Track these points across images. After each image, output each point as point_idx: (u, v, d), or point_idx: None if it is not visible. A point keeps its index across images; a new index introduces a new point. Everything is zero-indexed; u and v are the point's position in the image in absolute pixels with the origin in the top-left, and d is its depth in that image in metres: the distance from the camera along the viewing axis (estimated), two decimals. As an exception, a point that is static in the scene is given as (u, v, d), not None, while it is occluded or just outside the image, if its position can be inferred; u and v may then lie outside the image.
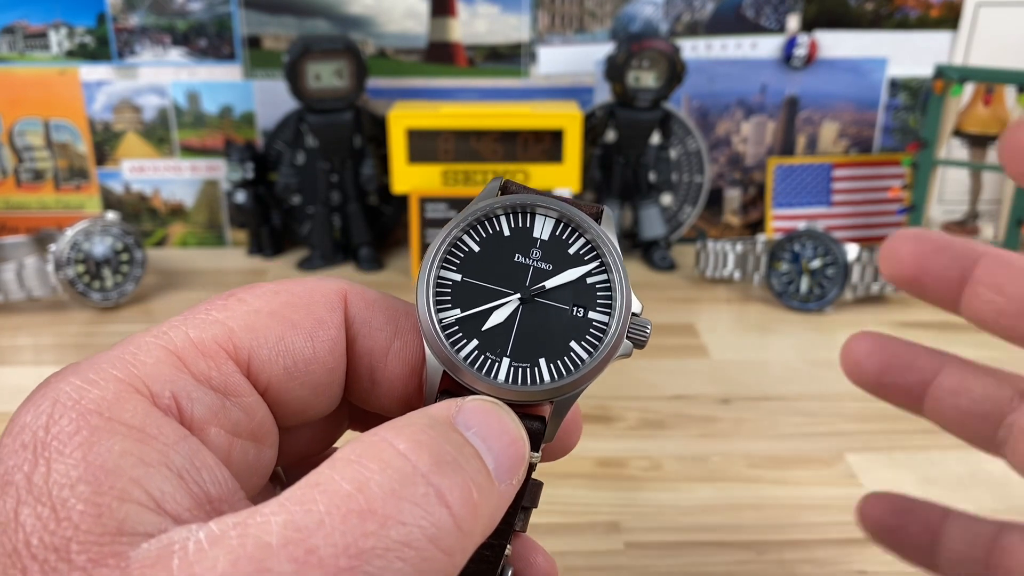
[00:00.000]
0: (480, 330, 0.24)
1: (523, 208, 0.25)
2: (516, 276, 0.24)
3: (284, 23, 0.93)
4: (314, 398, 0.24)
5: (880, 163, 1.00)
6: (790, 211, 0.99)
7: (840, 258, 0.81)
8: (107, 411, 0.19)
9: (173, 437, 0.20)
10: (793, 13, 0.95)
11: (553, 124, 0.87)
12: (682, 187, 0.98)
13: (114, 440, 0.18)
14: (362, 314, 0.25)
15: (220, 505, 0.20)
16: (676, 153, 0.96)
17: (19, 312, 0.82)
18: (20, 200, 0.97)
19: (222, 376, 0.22)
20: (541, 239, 0.25)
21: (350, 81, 0.87)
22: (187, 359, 0.21)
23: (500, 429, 0.21)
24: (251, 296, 0.23)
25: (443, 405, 0.21)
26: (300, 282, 0.25)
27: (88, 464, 0.18)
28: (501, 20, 0.94)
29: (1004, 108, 0.90)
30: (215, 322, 0.22)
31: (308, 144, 0.92)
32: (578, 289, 0.24)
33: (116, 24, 0.92)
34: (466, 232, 0.25)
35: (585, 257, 0.25)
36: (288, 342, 0.23)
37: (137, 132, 0.95)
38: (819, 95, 0.98)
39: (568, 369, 0.24)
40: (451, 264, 0.24)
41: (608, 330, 0.24)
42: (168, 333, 0.22)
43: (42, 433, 0.18)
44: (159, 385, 0.20)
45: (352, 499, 0.17)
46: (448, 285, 0.24)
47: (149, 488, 0.18)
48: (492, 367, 0.23)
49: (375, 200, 0.96)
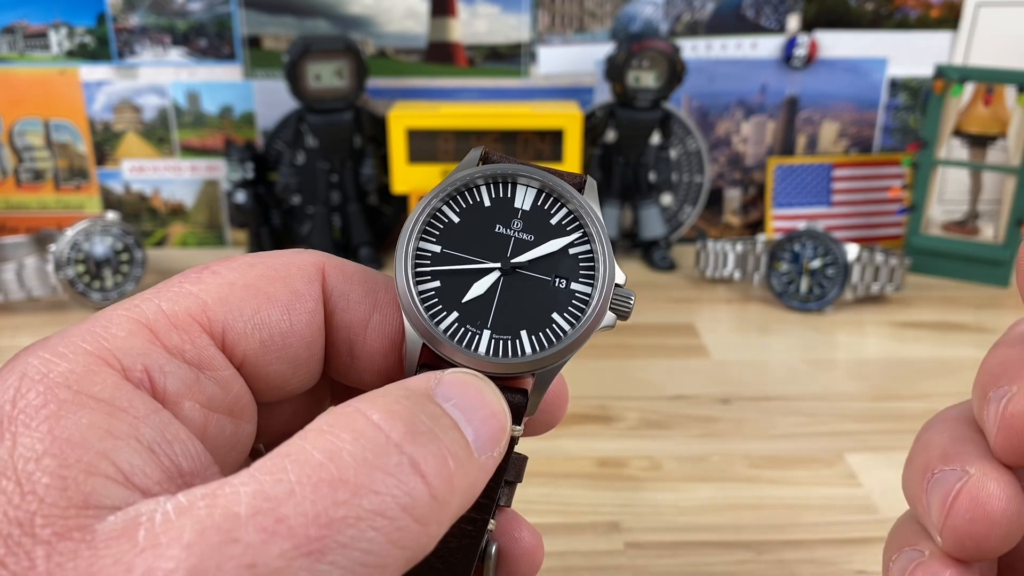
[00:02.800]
0: (460, 302, 0.23)
1: (504, 178, 0.25)
2: (497, 247, 0.24)
3: (284, 23, 0.93)
4: (292, 372, 0.24)
5: (880, 163, 1.00)
6: (790, 211, 0.99)
7: (840, 258, 0.81)
8: (75, 384, 0.19)
9: (144, 410, 0.19)
10: (793, 13, 0.95)
11: (553, 124, 0.87)
12: (682, 187, 0.98)
13: (82, 413, 0.18)
14: (340, 286, 0.25)
15: (192, 479, 0.19)
16: (676, 153, 0.96)
17: (19, 312, 0.82)
18: (20, 200, 0.97)
19: (196, 349, 0.21)
20: (523, 209, 0.24)
21: (350, 81, 0.87)
22: (159, 332, 0.21)
23: (480, 401, 0.21)
24: (226, 269, 0.23)
25: (422, 377, 0.21)
26: (277, 254, 0.24)
27: (54, 437, 0.18)
28: (501, 20, 0.94)
29: (1004, 108, 0.90)
30: (188, 294, 0.22)
31: (308, 144, 0.92)
32: (560, 260, 0.24)
33: (116, 24, 0.92)
34: (445, 203, 0.24)
35: (567, 228, 0.24)
36: (264, 315, 0.23)
37: (137, 132, 0.95)
38: (819, 95, 0.98)
39: (550, 341, 0.23)
40: (430, 235, 0.24)
41: (590, 301, 0.24)
42: (140, 306, 0.21)
43: (8, 407, 0.18)
44: (130, 358, 0.20)
45: (323, 468, 0.17)
46: (427, 256, 0.24)
47: (117, 461, 0.18)
48: (472, 339, 0.23)
49: (375, 200, 0.96)
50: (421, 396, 0.20)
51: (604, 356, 0.72)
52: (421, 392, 0.20)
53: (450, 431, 0.19)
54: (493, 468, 0.21)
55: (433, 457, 0.18)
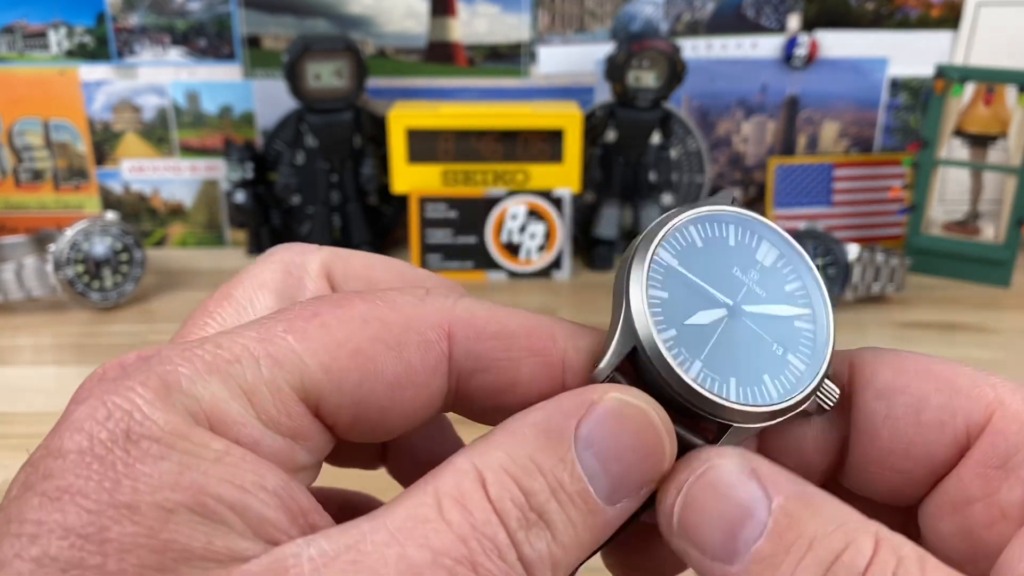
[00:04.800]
0: (682, 322, 0.22)
1: (751, 227, 0.24)
2: (731, 287, 0.23)
3: (284, 23, 0.93)
4: (383, 436, 0.23)
5: (881, 163, 1.00)
6: (791, 211, 0.99)
7: (841, 258, 0.81)
8: (189, 436, 0.18)
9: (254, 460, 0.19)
10: (793, 13, 0.95)
11: (553, 124, 0.87)
12: (682, 187, 0.97)
13: (205, 466, 0.18)
14: (474, 348, 0.22)
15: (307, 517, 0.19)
16: (676, 153, 0.96)
17: (18, 312, 0.82)
18: (19, 200, 0.97)
19: (291, 421, 0.20)
20: (762, 264, 0.24)
21: (350, 81, 0.87)
22: (256, 400, 0.20)
23: (634, 444, 0.20)
24: (336, 321, 0.21)
25: (573, 408, 0.20)
26: (396, 306, 0.22)
27: (184, 490, 0.17)
28: (501, 20, 0.94)
29: (1005, 108, 0.90)
30: (291, 354, 0.20)
31: (308, 144, 0.91)
32: (785, 327, 0.23)
33: (116, 24, 0.91)
34: (693, 224, 0.23)
35: (799, 300, 0.24)
36: (365, 391, 0.21)
37: (137, 132, 0.95)
38: (820, 95, 0.98)
39: (755, 398, 0.22)
40: (671, 248, 0.23)
41: (803, 378, 0.23)
42: (240, 362, 0.20)
43: (121, 452, 0.17)
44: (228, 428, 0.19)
45: (459, 547, 0.18)
46: (663, 266, 0.23)
47: (247, 514, 0.18)
48: (685, 362, 0.22)
49: (375, 200, 0.96)
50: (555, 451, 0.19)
51: (604, 356, 0.72)
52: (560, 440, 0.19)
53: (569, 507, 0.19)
54: (634, 509, 0.20)
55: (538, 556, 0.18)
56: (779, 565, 0.19)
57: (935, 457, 0.22)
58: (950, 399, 0.22)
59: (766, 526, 0.19)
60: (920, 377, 0.22)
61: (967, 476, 0.22)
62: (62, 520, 0.16)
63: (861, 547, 0.18)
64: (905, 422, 0.22)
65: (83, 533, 0.16)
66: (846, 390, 0.23)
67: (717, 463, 0.21)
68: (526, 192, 0.88)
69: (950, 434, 0.22)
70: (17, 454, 0.61)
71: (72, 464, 0.17)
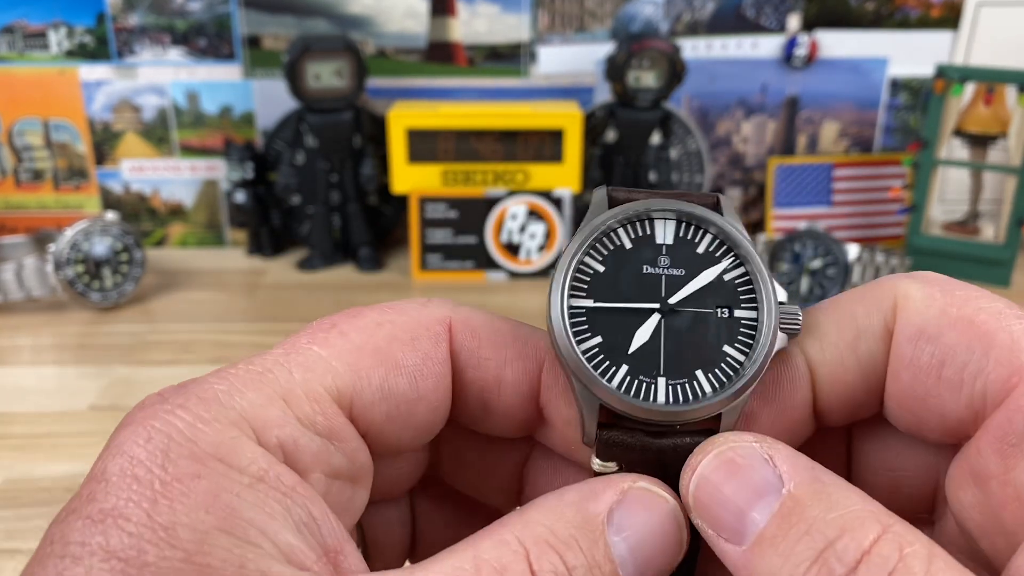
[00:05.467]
0: (627, 353, 0.22)
1: (639, 216, 0.24)
2: (650, 288, 0.23)
3: (284, 23, 0.93)
4: (414, 436, 0.24)
5: (881, 163, 1.00)
6: (791, 211, 0.99)
7: (841, 258, 0.81)
8: (226, 457, 0.19)
9: (290, 484, 0.19)
10: (793, 13, 0.95)
11: (553, 124, 0.87)
12: (682, 187, 0.97)
13: (239, 489, 0.18)
14: (468, 344, 0.24)
15: (336, 556, 0.19)
16: (676, 153, 0.96)
17: (18, 312, 0.82)
18: (19, 200, 0.97)
19: (327, 420, 0.21)
20: (666, 244, 0.23)
21: (350, 81, 0.87)
22: (292, 402, 0.21)
23: (658, 537, 0.21)
24: (353, 329, 0.22)
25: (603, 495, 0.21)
26: (403, 310, 0.23)
27: (217, 512, 0.18)
28: (501, 20, 0.94)
29: (1005, 108, 0.90)
30: (319, 360, 0.22)
31: (308, 144, 0.91)
32: (718, 289, 0.23)
33: (116, 24, 0.91)
34: (587, 254, 0.23)
35: (716, 254, 0.23)
36: (392, 383, 0.22)
37: (137, 132, 0.95)
38: (820, 95, 0.98)
39: (728, 376, 0.22)
40: (579, 291, 0.23)
41: (759, 326, 0.23)
42: (273, 372, 0.21)
43: (159, 471, 0.18)
44: (267, 432, 0.20)
45: None
46: (582, 313, 0.23)
47: (278, 541, 0.18)
48: (649, 390, 0.22)
49: (375, 200, 0.96)
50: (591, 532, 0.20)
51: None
52: (594, 524, 0.20)
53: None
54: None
55: None
56: (778, 547, 0.19)
57: (947, 414, 0.22)
58: (977, 359, 0.21)
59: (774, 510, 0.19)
60: (957, 327, 0.22)
61: (984, 448, 0.21)
62: (104, 543, 0.17)
63: (858, 537, 0.18)
64: (926, 373, 0.22)
65: (124, 556, 0.17)
66: (890, 323, 0.23)
67: (734, 445, 0.21)
68: (526, 192, 0.88)
69: (966, 395, 0.21)
70: (17, 454, 0.61)
71: (114, 487, 0.18)
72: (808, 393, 0.24)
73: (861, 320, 0.23)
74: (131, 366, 0.73)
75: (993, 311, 0.22)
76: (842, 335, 0.23)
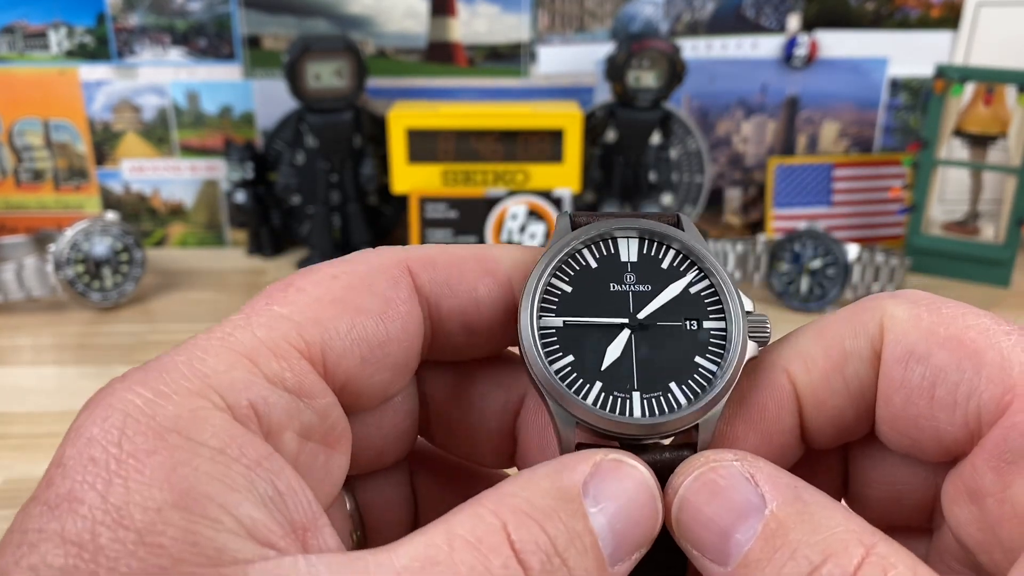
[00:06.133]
0: (600, 370, 0.22)
1: (603, 236, 0.24)
2: (618, 305, 0.23)
3: (284, 23, 0.93)
4: (393, 378, 0.23)
5: (881, 163, 1.00)
6: (790, 211, 0.99)
7: (841, 258, 0.81)
8: (184, 430, 0.18)
9: (255, 456, 0.19)
10: (793, 13, 0.95)
11: (553, 124, 0.87)
12: (682, 187, 0.97)
13: (197, 462, 0.18)
14: (433, 276, 0.24)
15: (305, 532, 0.19)
16: (676, 153, 0.96)
17: (19, 312, 0.82)
18: (19, 200, 0.97)
19: (296, 376, 0.21)
20: (631, 261, 0.24)
21: (350, 81, 0.87)
22: (259, 361, 0.20)
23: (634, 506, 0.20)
24: (310, 284, 0.22)
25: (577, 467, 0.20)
26: (356, 260, 0.23)
27: (172, 487, 0.17)
28: (501, 20, 0.94)
29: (1005, 108, 0.90)
30: (280, 318, 0.21)
31: (308, 144, 0.91)
32: (684, 302, 0.23)
33: (116, 24, 0.91)
34: (554, 276, 0.24)
35: (680, 268, 0.24)
36: (359, 329, 0.22)
37: (137, 132, 0.95)
38: (819, 95, 0.98)
39: (701, 387, 0.23)
40: (548, 311, 0.23)
41: (729, 336, 0.23)
42: (235, 334, 0.21)
43: (115, 450, 0.17)
44: (235, 395, 0.19)
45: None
46: (552, 333, 0.23)
47: (239, 515, 0.17)
48: (624, 405, 0.22)
49: (375, 200, 0.96)
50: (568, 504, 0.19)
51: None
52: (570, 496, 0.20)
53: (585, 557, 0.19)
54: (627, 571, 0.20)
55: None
56: (764, 571, 0.19)
57: (943, 435, 0.22)
58: (969, 378, 0.21)
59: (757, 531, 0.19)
60: (946, 347, 0.21)
61: (980, 466, 0.21)
62: (59, 528, 0.17)
63: (843, 562, 0.18)
64: (919, 394, 0.22)
65: (78, 541, 0.16)
66: (877, 346, 0.23)
67: (715, 464, 0.21)
68: (526, 192, 0.88)
69: (960, 416, 0.21)
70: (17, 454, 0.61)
71: (70, 470, 0.17)
72: (795, 418, 0.24)
73: (848, 343, 0.23)
74: (131, 366, 0.72)
75: (981, 328, 0.22)
76: (829, 359, 0.23)
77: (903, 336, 0.22)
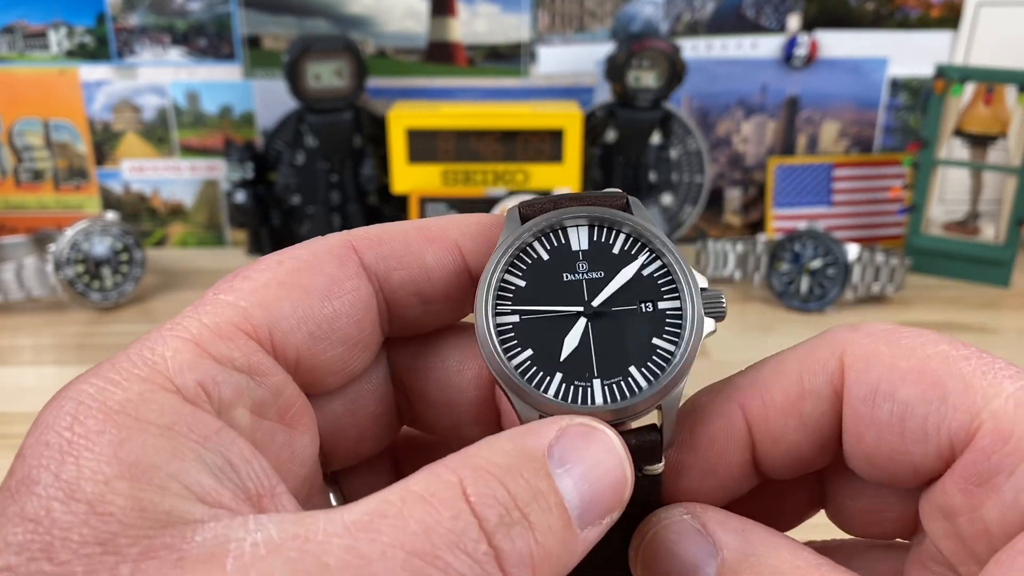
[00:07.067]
0: (559, 361, 0.23)
1: (552, 227, 0.24)
2: (572, 294, 0.23)
3: (284, 23, 0.93)
4: (349, 353, 0.24)
5: (881, 163, 1.00)
6: (791, 211, 0.99)
7: (841, 258, 0.81)
8: (133, 411, 0.19)
9: (205, 432, 0.19)
10: (793, 13, 0.95)
11: (553, 124, 0.87)
12: (682, 187, 0.98)
13: (144, 438, 0.18)
14: (378, 251, 0.24)
15: (261, 500, 0.19)
16: (676, 153, 0.96)
17: (18, 312, 0.82)
18: (19, 200, 0.97)
19: (244, 356, 0.21)
20: (582, 250, 0.24)
21: (350, 81, 0.87)
22: (206, 345, 0.21)
23: (601, 466, 0.20)
24: (256, 272, 0.23)
25: (542, 430, 0.20)
26: (302, 246, 0.24)
27: (120, 460, 0.18)
28: (501, 20, 0.94)
29: (1005, 108, 0.90)
30: (227, 304, 0.22)
31: (308, 144, 0.91)
32: (638, 285, 0.24)
33: (116, 24, 0.91)
34: (507, 271, 0.24)
35: (632, 252, 0.24)
36: (305, 308, 0.23)
37: (137, 132, 0.95)
38: (819, 95, 0.98)
39: (660, 367, 0.23)
40: (504, 308, 0.23)
41: (685, 314, 0.23)
42: (182, 323, 0.21)
43: (67, 433, 0.18)
44: (182, 376, 0.20)
45: (416, 540, 0.17)
46: (509, 329, 0.23)
47: (187, 482, 0.18)
48: (586, 393, 0.22)
49: (375, 200, 0.96)
50: (531, 464, 0.19)
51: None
52: (534, 457, 0.20)
53: (549, 515, 0.19)
54: (597, 537, 0.20)
55: (518, 554, 0.18)
56: None
57: (919, 466, 0.22)
58: (936, 409, 0.21)
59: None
60: (909, 381, 0.22)
61: (951, 489, 0.21)
62: (19, 510, 0.17)
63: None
64: (889, 430, 0.22)
65: (34, 517, 0.17)
66: (837, 384, 0.23)
67: (665, 522, 0.22)
68: (526, 192, 0.88)
69: (933, 447, 0.21)
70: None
71: (28, 457, 0.18)
72: (745, 452, 0.24)
73: (806, 380, 0.23)
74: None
75: (940, 356, 0.22)
76: (787, 396, 0.23)
77: (865, 375, 0.22)
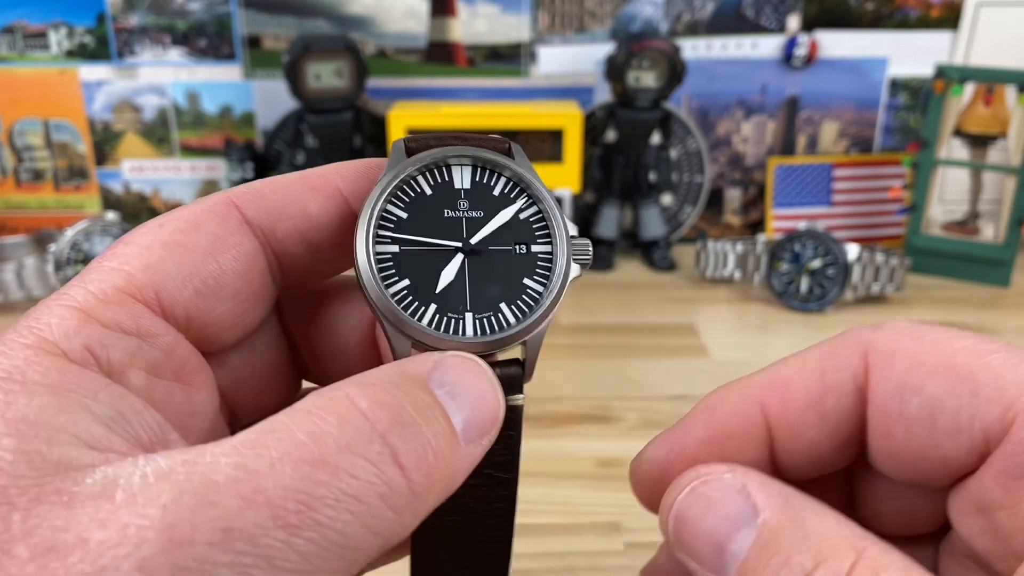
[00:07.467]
0: (434, 293, 0.24)
1: (437, 164, 0.25)
2: (452, 230, 0.24)
3: (284, 23, 0.93)
4: (241, 308, 0.24)
5: (880, 163, 1.00)
6: (790, 211, 0.99)
7: (840, 258, 0.81)
8: (19, 376, 0.19)
9: (92, 388, 0.19)
10: (793, 13, 0.95)
11: (553, 124, 0.87)
12: (682, 187, 0.98)
13: (29, 398, 0.18)
14: (259, 204, 0.25)
15: (154, 447, 0.19)
16: (676, 153, 0.96)
17: (19, 312, 0.82)
18: (20, 200, 0.97)
19: (131, 319, 0.21)
20: (464, 188, 0.25)
21: (350, 81, 0.87)
22: (92, 311, 0.21)
23: (476, 389, 0.21)
24: (138, 236, 0.23)
25: (420, 359, 0.21)
26: (183, 208, 0.24)
27: (7, 420, 0.18)
28: (501, 20, 0.94)
29: (1004, 108, 0.90)
30: (111, 271, 0.22)
31: (308, 144, 0.92)
32: (514, 227, 0.25)
33: (116, 24, 0.92)
34: (389, 202, 0.25)
35: (511, 195, 0.25)
36: (188, 266, 0.23)
37: (137, 132, 0.95)
38: (819, 95, 0.98)
39: (529, 306, 0.24)
40: (384, 238, 0.24)
41: (554, 259, 0.25)
42: (68, 292, 0.22)
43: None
44: (68, 341, 0.20)
45: (305, 448, 0.18)
46: (388, 258, 0.24)
47: (77, 432, 0.18)
48: (457, 325, 0.23)
49: (375, 200, 0.96)
50: (414, 382, 0.20)
51: (604, 356, 0.72)
52: (415, 377, 0.20)
53: (437, 422, 0.20)
54: (480, 456, 0.21)
55: (415, 451, 0.19)
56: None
57: (951, 461, 0.22)
58: (968, 402, 0.21)
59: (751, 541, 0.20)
60: (938, 375, 0.21)
61: (989, 483, 0.21)
62: None
63: (834, 566, 0.19)
64: (919, 425, 0.22)
65: None
66: (860, 381, 0.23)
67: (707, 478, 0.22)
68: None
69: (966, 441, 0.21)
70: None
71: None
72: (762, 450, 0.24)
73: (829, 378, 0.23)
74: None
75: (968, 350, 0.22)
76: (808, 393, 0.23)
77: (891, 371, 0.22)
